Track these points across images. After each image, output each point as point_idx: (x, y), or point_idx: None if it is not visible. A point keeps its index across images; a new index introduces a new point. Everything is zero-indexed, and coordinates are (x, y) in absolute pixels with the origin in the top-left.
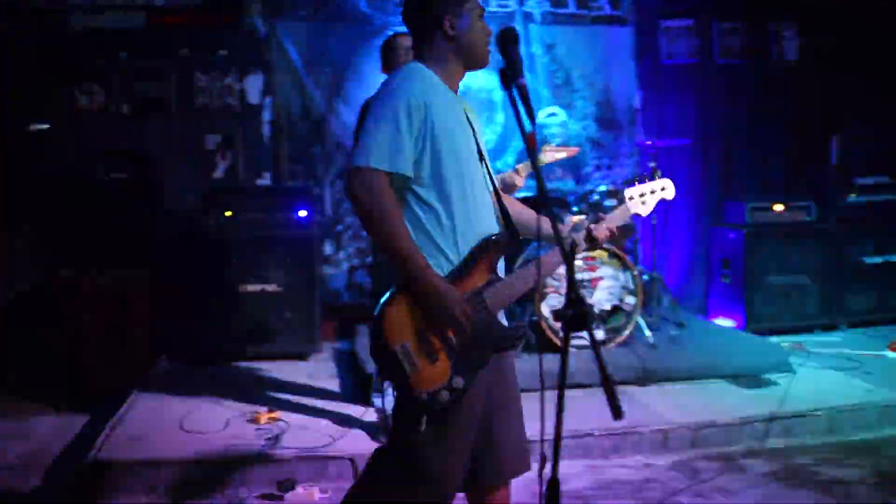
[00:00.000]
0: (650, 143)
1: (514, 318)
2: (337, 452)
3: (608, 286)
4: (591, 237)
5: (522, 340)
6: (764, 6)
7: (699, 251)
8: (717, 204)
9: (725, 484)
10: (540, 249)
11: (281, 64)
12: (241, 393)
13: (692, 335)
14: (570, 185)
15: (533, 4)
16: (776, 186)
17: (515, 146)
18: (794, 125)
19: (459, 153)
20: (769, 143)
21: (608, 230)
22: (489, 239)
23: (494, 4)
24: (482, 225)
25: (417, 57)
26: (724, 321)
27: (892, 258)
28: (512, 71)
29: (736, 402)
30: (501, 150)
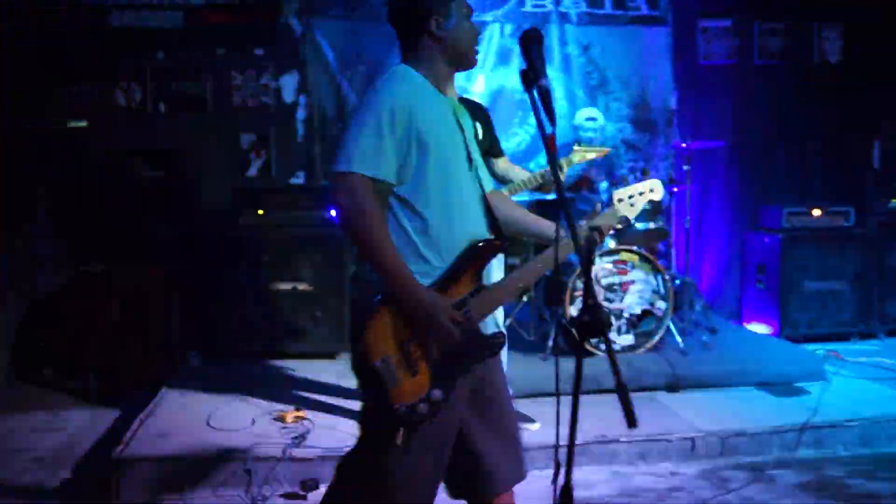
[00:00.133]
0: (685, 145)
1: (543, 321)
2: None
3: (639, 290)
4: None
5: (503, 347)
6: (806, 6)
7: (734, 256)
8: (753, 208)
9: (753, 494)
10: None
11: (316, 63)
12: (268, 391)
13: (724, 341)
14: (603, 186)
15: (569, 4)
16: (814, 191)
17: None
18: (834, 129)
19: (446, 157)
20: (808, 146)
21: (599, 232)
22: (476, 245)
23: (530, 5)
24: (469, 231)
25: (404, 58)
26: (758, 327)
27: None
28: (533, 72)
29: (767, 410)
30: (535, 150)
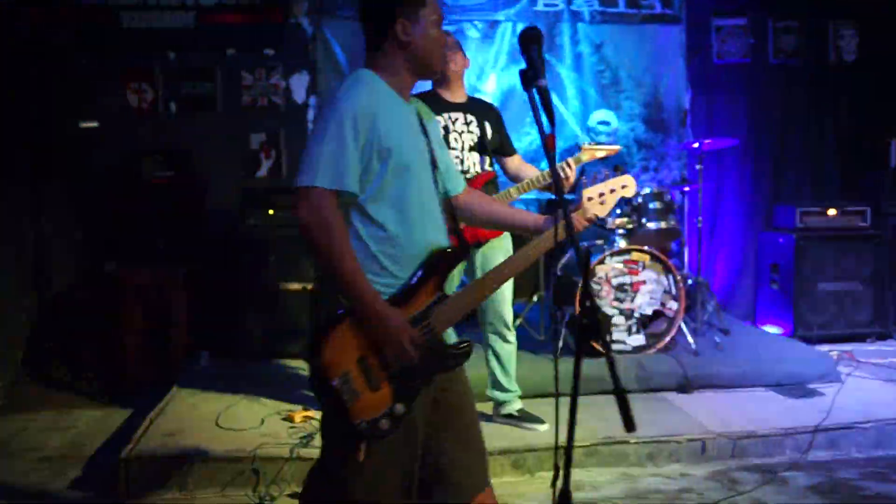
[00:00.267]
0: (697, 144)
1: (554, 321)
2: None
3: (650, 290)
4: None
5: (466, 359)
6: (821, 4)
7: (748, 256)
8: (767, 208)
9: (764, 496)
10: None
11: (326, 63)
12: (277, 391)
13: (737, 342)
14: None
15: (581, 3)
16: (830, 191)
17: (561, 146)
18: (850, 128)
19: (408, 166)
20: (823, 146)
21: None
22: (437, 254)
23: (542, 4)
24: (430, 240)
25: (367, 62)
26: (772, 328)
27: None
28: (533, 72)
29: (779, 411)
30: None
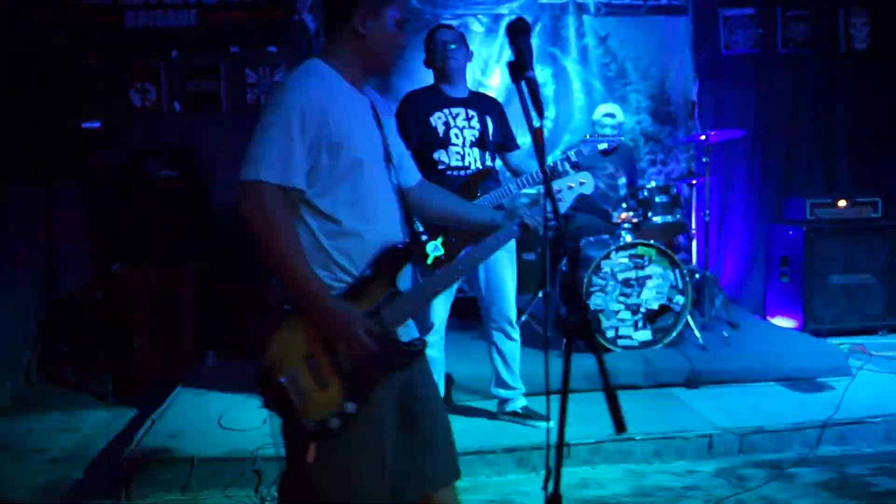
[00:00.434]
0: (704, 137)
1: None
2: None
3: (656, 285)
4: (524, 225)
5: (420, 357)
6: None
7: (758, 249)
8: (777, 200)
9: (772, 493)
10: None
11: None
12: None
13: (746, 336)
14: (622, 182)
15: None
16: (841, 182)
17: (566, 140)
18: (861, 118)
19: (360, 160)
20: (834, 136)
21: (524, 227)
22: (389, 249)
23: None
24: (383, 235)
25: (321, 51)
26: (782, 322)
27: None
28: (521, 63)
29: (788, 406)
30: (552, 144)
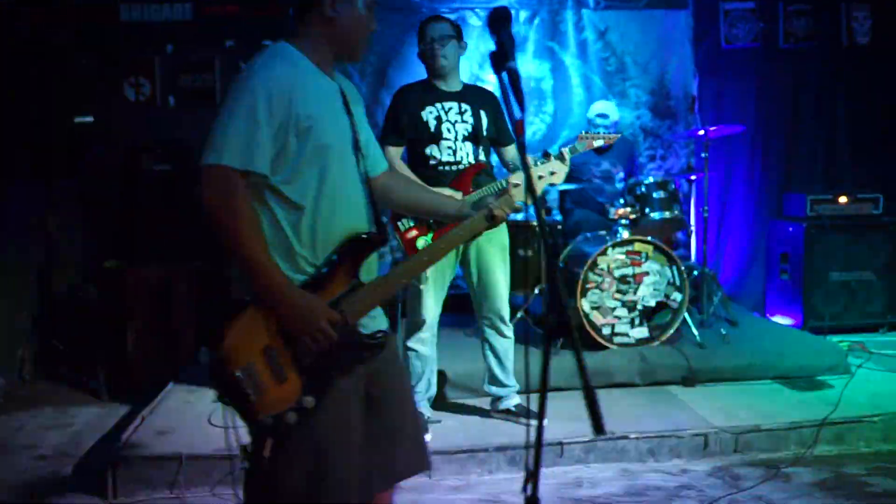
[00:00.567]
0: (702, 132)
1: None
2: None
3: (654, 281)
4: (492, 216)
5: (381, 350)
6: None
7: (757, 246)
8: (777, 196)
9: (767, 493)
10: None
11: None
12: None
13: (744, 333)
14: (619, 176)
15: None
16: (842, 178)
17: (565, 135)
18: (863, 113)
19: (327, 147)
20: (835, 132)
21: (496, 215)
22: (353, 239)
23: None
24: (348, 224)
25: (288, 34)
26: (782, 319)
27: None
28: (503, 54)
29: (785, 405)
30: (551, 139)
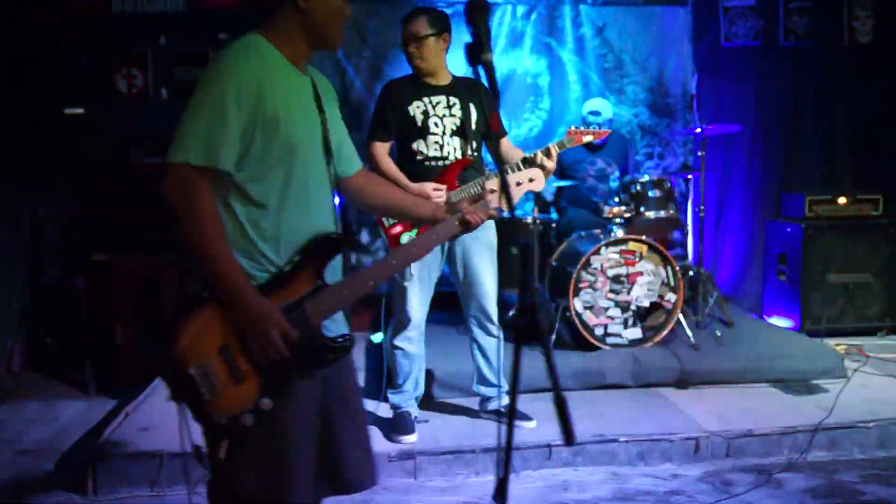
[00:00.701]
0: (699, 130)
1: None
2: None
3: (648, 282)
4: (465, 222)
5: (345, 354)
6: None
7: (755, 246)
8: (775, 196)
9: (757, 500)
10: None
11: None
12: None
13: (740, 335)
14: (615, 173)
15: None
16: (841, 178)
17: (561, 132)
18: (863, 113)
19: (295, 144)
20: (835, 132)
21: (465, 223)
22: (317, 240)
23: None
24: (312, 224)
25: (260, 26)
26: (779, 321)
27: None
28: (479, 46)
29: (779, 409)
30: (548, 135)
